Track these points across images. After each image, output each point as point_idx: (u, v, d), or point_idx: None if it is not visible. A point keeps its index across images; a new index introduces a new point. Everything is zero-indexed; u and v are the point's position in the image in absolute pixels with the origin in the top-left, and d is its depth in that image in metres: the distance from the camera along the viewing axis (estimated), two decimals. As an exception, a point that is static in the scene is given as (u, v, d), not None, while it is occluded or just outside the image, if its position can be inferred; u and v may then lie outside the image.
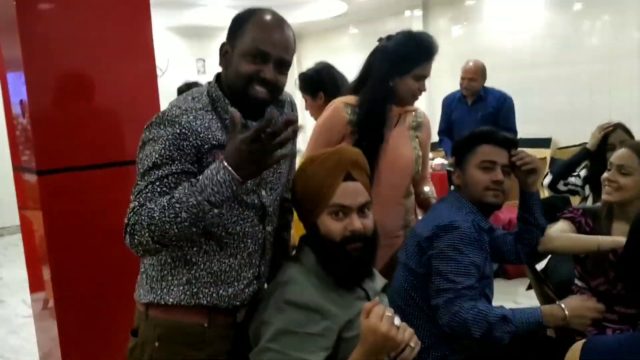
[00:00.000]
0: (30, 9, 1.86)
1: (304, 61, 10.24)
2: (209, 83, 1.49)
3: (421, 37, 2.18)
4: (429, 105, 7.85)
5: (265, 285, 1.62)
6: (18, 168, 2.18)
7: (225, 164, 1.24)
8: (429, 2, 7.89)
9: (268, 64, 1.41)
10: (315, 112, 2.77)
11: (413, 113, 2.28)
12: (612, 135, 2.98)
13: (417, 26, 8.02)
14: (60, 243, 1.92)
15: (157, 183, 1.33)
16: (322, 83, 2.76)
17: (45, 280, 1.97)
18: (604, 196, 2.07)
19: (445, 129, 4.81)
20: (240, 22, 1.44)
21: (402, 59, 2.11)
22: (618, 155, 2.08)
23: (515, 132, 4.53)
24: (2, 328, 4.17)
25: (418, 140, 2.26)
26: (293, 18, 8.88)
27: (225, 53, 1.47)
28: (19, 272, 2.33)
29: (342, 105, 2.16)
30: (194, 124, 1.37)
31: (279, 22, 1.45)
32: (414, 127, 2.27)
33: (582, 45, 6.25)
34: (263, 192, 1.51)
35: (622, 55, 5.91)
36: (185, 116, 1.37)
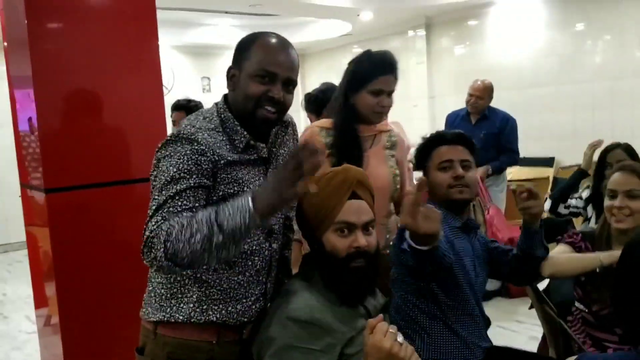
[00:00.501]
0: (41, 27, 1.90)
1: (307, 80, 10.33)
2: (217, 104, 1.53)
3: (375, 53, 2.23)
4: (431, 123, 7.91)
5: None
6: (26, 185, 2.21)
7: (252, 194, 1.29)
8: (431, 22, 7.97)
9: (276, 84, 1.46)
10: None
11: (387, 132, 2.33)
12: (610, 155, 2.99)
13: (420, 45, 8.11)
14: (66, 260, 1.94)
15: (177, 197, 1.35)
16: (326, 103, 2.79)
17: (49, 297, 1.99)
18: (615, 224, 2.03)
19: None
20: (246, 46, 1.49)
21: (355, 75, 2.20)
22: (620, 181, 2.06)
23: (517, 152, 4.58)
24: (6, 344, 4.17)
25: (394, 159, 2.30)
26: (298, 38, 9.06)
27: (232, 76, 1.52)
28: (24, 289, 2.35)
29: (317, 129, 2.24)
30: (209, 140, 1.41)
31: (284, 44, 1.51)
32: (388, 146, 2.31)
33: (584, 64, 6.29)
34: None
35: (623, 74, 5.94)
36: (201, 134, 1.41)
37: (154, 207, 1.36)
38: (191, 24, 7.89)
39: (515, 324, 3.90)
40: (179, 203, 1.35)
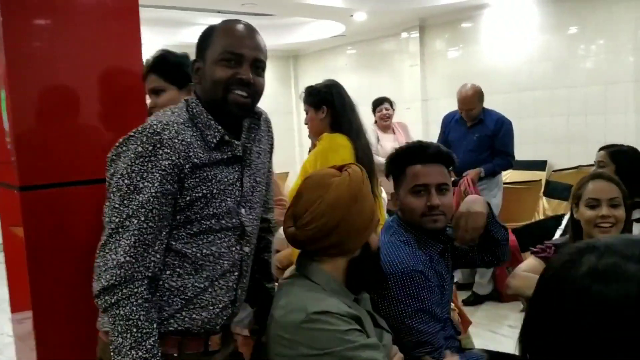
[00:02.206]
0: (16, 24, 1.83)
1: (301, 81, 10.28)
2: (187, 100, 1.45)
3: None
4: (425, 127, 7.87)
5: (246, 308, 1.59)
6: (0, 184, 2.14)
7: None
8: (425, 24, 7.94)
9: (243, 66, 1.39)
10: (315, 126, 2.77)
11: None
12: (597, 153, 3.01)
13: (414, 48, 8.07)
14: (41, 260, 1.87)
15: (141, 215, 1.29)
16: (328, 98, 2.74)
17: (24, 300, 1.92)
18: (600, 235, 1.96)
19: None
20: (207, 35, 1.44)
21: None
22: (604, 189, 2.02)
23: (511, 156, 4.51)
24: (-13, 347, 4.08)
25: None
26: (291, 38, 9.02)
27: (197, 70, 1.45)
28: (5, 291, 2.28)
29: None
30: (175, 140, 1.33)
31: (247, 26, 1.45)
32: None
33: (577, 68, 6.27)
34: (242, 211, 1.47)
35: (616, 79, 5.92)
36: (167, 131, 1.33)
37: (116, 220, 1.29)
38: (183, 23, 7.82)
39: (507, 329, 3.85)
40: (145, 226, 1.29)
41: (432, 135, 7.79)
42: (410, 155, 1.77)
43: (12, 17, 1.82)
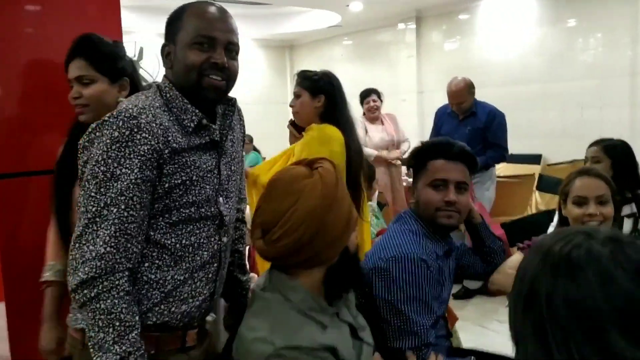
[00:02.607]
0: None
1: (297, 70, 10.20)
2: (158, 85, 1.39)
3: None
4: (420, 119, 7.82)
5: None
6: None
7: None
8: (422, 15, 7.87)
9: (217, 49, 1.34)
10: (306, 113, 2.61)
11: None
12: (589, 149, 2.94)
13: (410, 38, 8.00)
14: (13, 249, 1.82)
15: (121, 203, 1.23)
16: (327, 88, 2.60)
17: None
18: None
19: None
20: (177, 17, 1.37)
21: None
22: (591, 186, 1.97)
23: (504, 148, 4.44)
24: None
25: None
26: (286, 28, 8.94)
27: (167, 54, 1.39)
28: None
29: None
30: (153, 125, 1.27)
31: (219, 8, 1.39)
32: None
33: (573, 62, 6.22)
34: (220, 200, 1.42)
35: (613, 72, 5.88)
36: (144, 115, 1.26)
37: (93, 210, 1.23)
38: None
39: (496, 324, 3.82)
40: (125, 214, 1.23)
41: (427, 127, 7.72)
42: (436, 149, 1.76)
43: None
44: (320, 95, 2.56)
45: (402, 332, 1.61)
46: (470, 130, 4.38)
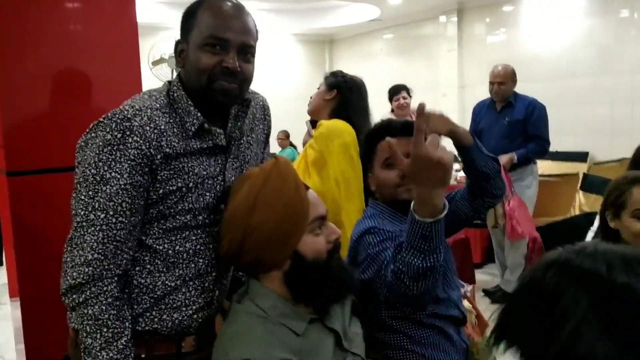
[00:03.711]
0: (2, 5, 1.76)
1: (336, 65, 10.11)
2: (170, 82, 1.33)
3: None
4: (461, 114, 7.61)
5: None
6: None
7: None
8: (464, 7, 7.64)
9: (230, 52, 1.26)
10: (316, 101, 2.57)
11: None
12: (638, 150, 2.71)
13: (451, 32, 7.80)
14: (28, 245, 1.82)
15: (110, 209, 1.19)
16: (343, 86, 2.57)
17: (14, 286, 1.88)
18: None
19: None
20: (191, 14, 1.29)
21: None
22: None
23: (546, 140, 4.17)
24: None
25: None
26: (326, 22, 8.86)
27: (181, 52, 1.32)
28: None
29: None
30: (147, 128, 1.21)
31: (235, 5, 1.30)
32: None
33: (624, 55, 5.91)
34: (223, 207, 1.35)
35: (667, 66, 5.56)
36: (139, 118, 1.21)
37: (81, 213, 1.19)
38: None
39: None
40: (114, 220, 1.19)
41: (468, 122, 7.54)
42: (380, 131, 1.69)
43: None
44: (334, 90, 2.53)
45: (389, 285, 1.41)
46: (508, 122, 4.18)
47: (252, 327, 1.22)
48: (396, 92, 4.99)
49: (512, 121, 4.18)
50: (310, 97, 2.66)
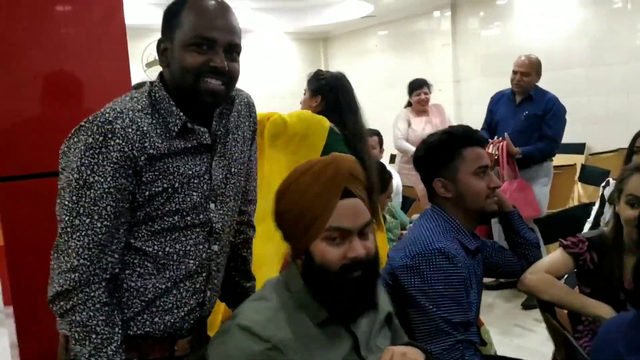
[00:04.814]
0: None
1: (331, 63, 10.09)
2: (152, 83, 1.32)
3: None
4: (457, 107, 7.60)
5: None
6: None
7: None
8: (457, 2, 7.63)
9: (217, 52, 1.25)
10: (306, 110, 2.58)
11: None
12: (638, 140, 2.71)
13: (445, 26, 7.78)
14: (19, 252, 1.81)
15: (94, 213, 1.18)
16: (325, 89, 2.54)
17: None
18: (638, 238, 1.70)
19: (486, 129, 4.27)
20: (175, 12, 1.28)
21: None
22: None
23: (555, 142, 4.07)
24: None
25: None
26: (320, 20, 8.82)
27: (164, 51, 1.31)
28: None
29: None
30: (129, 130, 1.20)
31: (219, 3, 1.29)
32: None
33: (618, 45, 5.89)
34: (212, 206, 1.34)
35: (662, 55, 5.54)
36: (120, 120, 1.20)
37: (66, 219, 1.19)
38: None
39: (533, 323, 3.64)
40: (99, 225, 1.18)
41: (464, 117, 7.53)
42: (467, 138, 1.71)
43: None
44: (318, 95, 2.52)
45: (434, 332, 1.51)
46: (526, 116, 4.05)
47: (271, 299, 1.24)
48: (418, 87, 4.91)
49: (529, 115, 4.04)
50: (300, 103, 2.66)
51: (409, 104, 5.03)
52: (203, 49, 1.25)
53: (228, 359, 1.18)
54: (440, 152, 1.70)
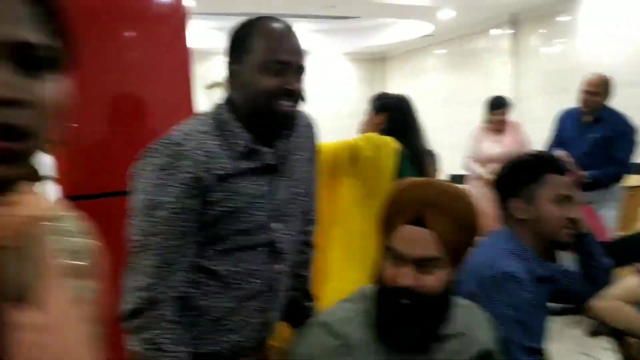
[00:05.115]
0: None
1: (389, 84, 10.09)
2: (218, 105, 1.36)
3: None
4: (518, 127, 7.41)
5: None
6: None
7: None
8: (518, 19, 7.49)
9: (291, 74, 1.29)
10: (367, 128, 2.57)
11: None
12: None
13: (505, 45, 7.65)
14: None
15: (165, 236, 1.22)
16: (389, 106, 2.56)
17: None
18: None
19: (555, 147, 4.04)
20: (243, 35, 1.32)
21: None
22: None
23: (625, 166, 3.86)
24: None
25: None
26: (377, 40, 8.88)
27: (232, 74, 1.34)
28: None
29: None
30: (198, 151, 1.25)
31: (287, 26, 1.33)
32: None
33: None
34: (276, 226, 1.36)
35: None
36: (188, 142, 1.25)
37: (137, 239, 1.24)
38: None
39: (600, 352, 3.46)
40: (167, 244, 1.22)
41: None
42: (553, 163, 1.69)
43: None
44: (383, 112, 2.53)
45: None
46: (595, 139, 3.87)
47: (357, 302, 1.33)
48: (499, 106, 4.78)
49: (598, 138, 3.86)
50: (360, 124, 2.67)
51: (487, 121, 4.85)
52: (277, 72, 1.28)
53: (307, 350, 1.26)
54: (524, 172, 1.67)
